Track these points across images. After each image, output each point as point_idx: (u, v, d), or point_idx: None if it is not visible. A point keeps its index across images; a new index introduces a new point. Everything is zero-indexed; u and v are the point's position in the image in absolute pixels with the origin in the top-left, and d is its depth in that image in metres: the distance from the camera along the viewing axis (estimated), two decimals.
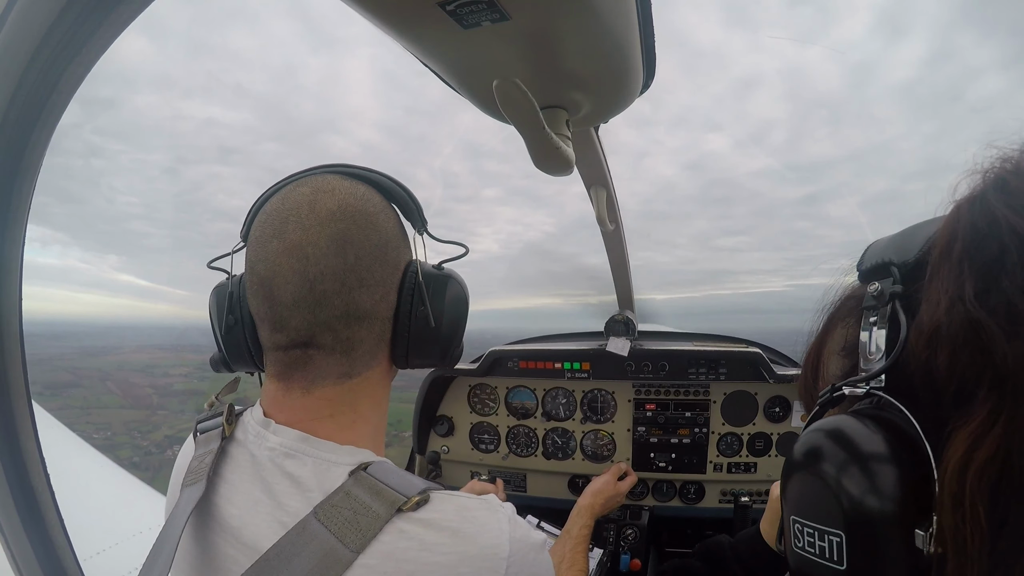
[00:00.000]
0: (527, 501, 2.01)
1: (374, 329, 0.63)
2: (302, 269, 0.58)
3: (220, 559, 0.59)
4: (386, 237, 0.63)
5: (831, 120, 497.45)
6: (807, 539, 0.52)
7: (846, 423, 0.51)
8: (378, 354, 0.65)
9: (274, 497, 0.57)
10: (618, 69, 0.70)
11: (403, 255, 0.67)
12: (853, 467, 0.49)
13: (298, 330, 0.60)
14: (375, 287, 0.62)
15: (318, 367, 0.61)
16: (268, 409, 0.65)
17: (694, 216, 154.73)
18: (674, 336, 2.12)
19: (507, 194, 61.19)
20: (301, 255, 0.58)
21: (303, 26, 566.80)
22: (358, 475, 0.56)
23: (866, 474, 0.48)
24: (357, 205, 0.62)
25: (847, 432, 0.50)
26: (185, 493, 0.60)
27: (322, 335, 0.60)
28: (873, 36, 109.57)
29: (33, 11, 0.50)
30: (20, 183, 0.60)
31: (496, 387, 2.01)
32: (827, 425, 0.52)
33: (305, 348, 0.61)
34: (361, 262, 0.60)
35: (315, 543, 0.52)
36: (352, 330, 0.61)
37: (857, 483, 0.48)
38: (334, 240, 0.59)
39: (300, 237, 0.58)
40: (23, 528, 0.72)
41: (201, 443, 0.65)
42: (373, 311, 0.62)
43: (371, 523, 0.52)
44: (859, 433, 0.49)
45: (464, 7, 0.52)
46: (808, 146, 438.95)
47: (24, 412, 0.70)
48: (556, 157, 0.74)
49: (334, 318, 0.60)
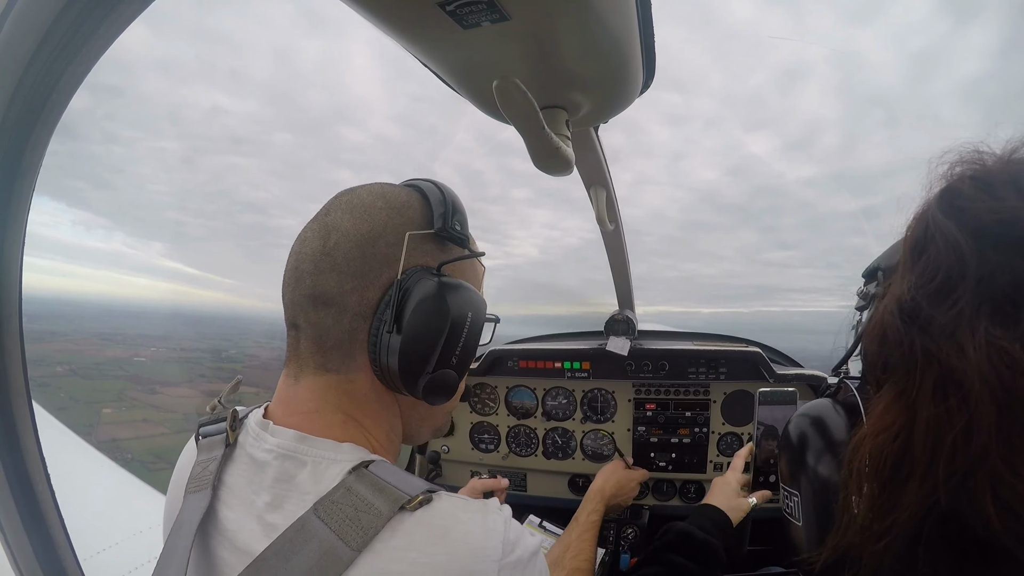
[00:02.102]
0: (527, 501, 2.01)
1: (342, 321, 0.60)
2: (298, 250, 0.63)
3: (217, 563, 0.58)
4: (379, 229, 0.61)
5: (888, 122, 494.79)
6: (785, 500, 0.65)
7: (814, 406, 0.63)
8: (355, 355, 0.61)
9: (269, 500, 0.57)
10: (618, 69, 0.70)
11: (399, 253, 0.61)
12: (810, 439, 0.61)
13: (288, 307, 0.64)
14: (347, 275, 0.60)
15: (302, 353, 0.62)
16: (273, 401, 0.66)
17: (740, 227, 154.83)
18: (674, 336, 2.12)
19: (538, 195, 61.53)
20: (302, 239, 0.64)
21: (299, 12, 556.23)
22: (360, 472, 0.55)
23: (816, 445, 0.60)
24: (365, 199, 0.64)
25: (811, 413, 0.63)
26: (189, 501, 0.60)
27: (297, 315, 0.62)
28: (936, 18, 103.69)
29: (33, 10, 0.50)
30: (20, 183, 0.60)
31: (496, 387, 2.01)
32: (805, 407, 0.66)
33: (295, 331, 0.63)
34: (339, 248, 0.60)
35: (315, 541, 0.51)
36: (319, 314, 0.60)
37: (809, 451, 0.60)
38: (324, 226, 0.62)
39: (309, 226, 0.65)
40: (23, 528, 0.72)
41: (204, 448, 0.64)
42: (340, 300, 0.60)
43: (373, 520, 0.51)
44: (819, 413, 0.62)
45: (464, 7, 0.52)
46: (863, 152, 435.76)
47: (24, 412, 0.70)
48: (556, 157, 0.74)
49: (303, 296, 0.61)
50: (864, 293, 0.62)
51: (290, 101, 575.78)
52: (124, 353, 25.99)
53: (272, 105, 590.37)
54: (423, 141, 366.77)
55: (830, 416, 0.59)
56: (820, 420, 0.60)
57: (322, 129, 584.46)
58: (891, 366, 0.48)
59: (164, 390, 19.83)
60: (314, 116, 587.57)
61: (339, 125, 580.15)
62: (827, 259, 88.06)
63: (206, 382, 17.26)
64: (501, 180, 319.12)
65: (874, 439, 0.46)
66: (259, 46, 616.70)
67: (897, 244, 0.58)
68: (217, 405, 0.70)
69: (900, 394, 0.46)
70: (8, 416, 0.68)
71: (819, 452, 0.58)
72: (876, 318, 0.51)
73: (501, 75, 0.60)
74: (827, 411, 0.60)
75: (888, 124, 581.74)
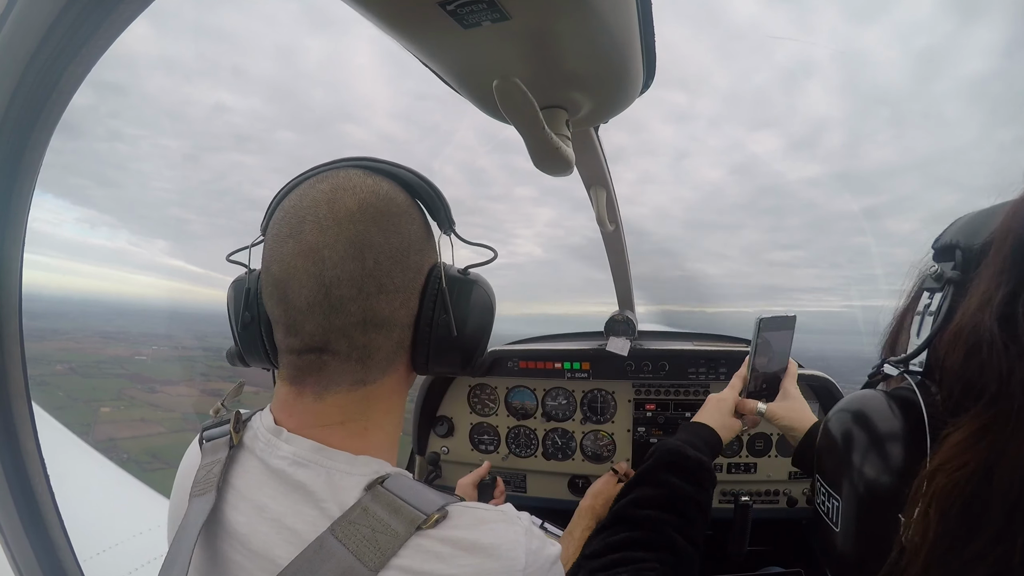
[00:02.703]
0: (527, 502, 2.01)
1: (393, 336, 0.61)
2: (318, 272, 0.56)
3: (227, 566, 0.58)
4: (408, 240, 0.61)
5: (894, 121, 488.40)
6: (821, 496, 0.56)
7: (868, 399, 0.53)
8: (396, 361, 0.63)
9: (286, 506, 0.56)
10: (618, 69, 0.70)
11: (427, 258, 0.64)
12: (861, 442, 0.51)
13: (312, 335, 0.58)
14: (395, 293, 0.59)
15: (332, 373, 0.60)
16: (278, 413, 0.63)
17: (744, 226, 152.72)
18: (674, 336, 2.12)
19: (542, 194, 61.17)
20: (317, 258, 0.56)
21: (302, 10, 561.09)
22: (375, 490, 0.55)
23: (869, 452, 0.50)
24: (379, 205, 0.59)
25: (865, 408, 0.52)
26: (194, 504, 0.59)
27: (337, 341, 0.58)
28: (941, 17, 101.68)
29: (33, 11, 0.50)
30: (20, 183, 0.60)
31: (496, 387, 2.00)
32: (855, 397, 0.55)
33: (320, 353, 0.59)
34: (380, 267, 0.57)
35: (332, 561, 0.51)
36: (369, 337, 0.59)
37: (860, 457, 0.50)
38: (352, 243, 0.56)
39: (316, 238, 0.56)
40: (23, 528, 0.72)
41: (208, 451, 0.64)
42: (392, 318, 0.60)
43: (390, 541, 0.51)
44: (876, 412, 0.51)
45: (464, 7, 0.52)
46: (869, 151, 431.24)
47: (24, 412, 0.70)
48: (556, 157, 0.74)
49: (350, 325, 0.57)
50: (938, 274, 0.51)
51: (293, 99, 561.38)
52: (126, 351, 25.93)
53: (275, 103, 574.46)
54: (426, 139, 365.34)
55: (882, 413, 0.51)
56: (868, 417, 0.52)
57: (325, 127, 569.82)
58: (978, 389, 0.41)
59: (164, 388, 19.71)
60: (317, 114, 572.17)
61: (342, 123, 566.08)
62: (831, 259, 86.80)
63: (207, 380, 17.19)
64: (504, 178, 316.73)
65: (946, 476, 0.40)
66: (262, 44, 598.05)
67: (978, 216, 0.51)
68: (220, 408, 0.70)
69: (985, 428, 0.39)
70: (8, 416, 0.68)
71: (871, 465, 0.50)
72: (963, 321, 0.44)
73: (501, 75, 0.60)
74: (878, 406, 0.52)
75: (893, 123, 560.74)
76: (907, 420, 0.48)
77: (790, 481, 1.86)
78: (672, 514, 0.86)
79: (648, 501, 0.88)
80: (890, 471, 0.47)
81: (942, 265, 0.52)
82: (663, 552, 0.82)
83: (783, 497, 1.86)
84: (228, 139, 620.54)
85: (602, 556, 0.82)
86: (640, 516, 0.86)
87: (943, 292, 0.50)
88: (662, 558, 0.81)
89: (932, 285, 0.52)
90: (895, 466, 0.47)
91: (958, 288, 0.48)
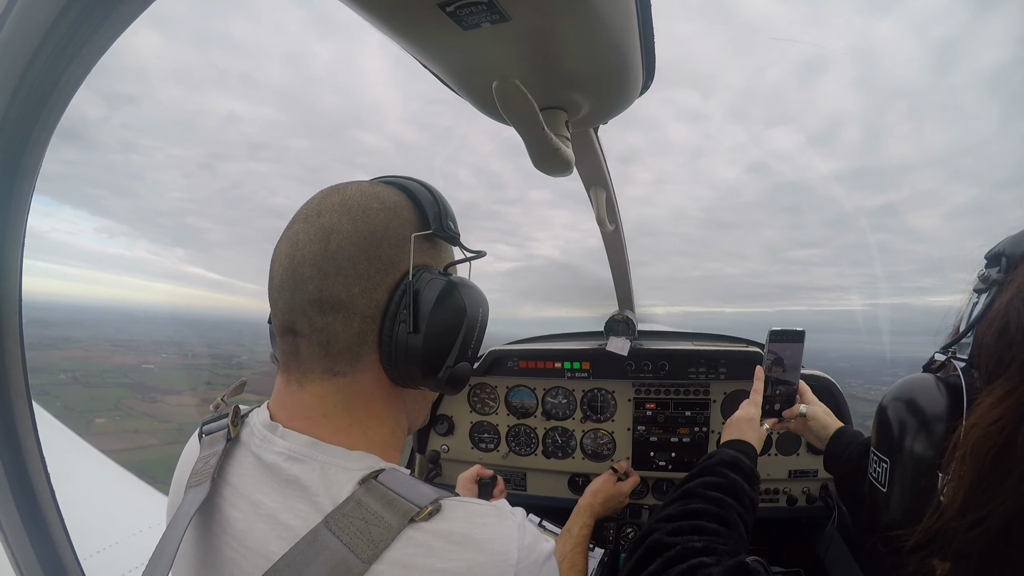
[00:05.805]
0: (527, 500, 2.01)
1: (351, 325, 0.60)
2: (291, 253, 0.61)
3: (222, 562, 0.58)
4: (381, 232, 0.62)
5: (912, 114, 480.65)
6: (873, 465, 0.67)
7: (919, 379, 0.65)
8: (362, 355, 0.62)
9: (280, 501, 0.57)
10: (618, 70, 0.70)
11: (405, 254, 0.63)
12: (909, 412, 0.62)
13: (283, 312, 0.62)
14: (354, 279, 0.60)
15: (304, 358, 0.61)
16: (273, 406, 0.65)
17: (762, 225, 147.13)
18: (674, 336, 2.12)
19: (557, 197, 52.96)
20: (294, 241, 0.62)
21: (309, 17, 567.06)
22: (369, 484, 0.56)
23: (915, 420, 0.61)
24: (359, 200, 0.63)
25: (914, 387, 0.64)
26: (189, 494, 0.60)
27: (299, 321, 0.61)
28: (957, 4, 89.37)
29: (33, 10, 0.50)
30: (20, 183, 0.60)
31: (496, 386, 2.01)
32: (909, 378, 0.67)
33: (294, 336, 0.62)
34: (342, 251, 0.60)
35: (326, 553, 0.51)
36: (326, 319, 0.60)
37: (908, 424, 0.62)
38: (323, 228, 0.61)
39: (299, 227, 0.62)
40: (23, 527, 0.72)
41: (206, 445, 0.65)
42: (348, 303, 0.60)
43: (383, 534, 0.52)
44: (923, 389, 0.62)
45: (464, 8, 0.52)
46: (887, 146, 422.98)
47: (24, 412, 0.70)
48: (555, 158, 0.74)
49: (307, 303, 0.60)
50: (985, 276, 0.62)
51: (305, 106, 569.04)
52: (134, 359, 25.86)
53: (287, 110, 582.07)
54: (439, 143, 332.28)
55: (932, 394, 0.60)
56: (920, 399, 0.62)
57: (338, 133, 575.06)
58: (1007, 361, 0.50)
59: (164, 398, 19.52)
60: (329, 120, 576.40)
61: (354, 129, 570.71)
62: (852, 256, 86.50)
63: (210, 389, 16.90)
64: (519, 182, 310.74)
65: (980, 431, 0.49)
66: (271, 52, 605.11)
67: None
68: (220, 403, 0.71)
69: (1011, 392, 0.48)
70: (8, 416, 0.68)
71: (916, 431, 0.60)
72: (999, 309, 0.54)
73: (501, 76, 0.60)
74: (929, 389, 0.61)
75: (912, 116, 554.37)
76: (951, 395, 0.58)
77: (790, 480, 1.87)
78: (737, 502, 0.91)
79: (717, 487, 0.92)
80: (932, 435, 0.57)
81: (990, 269, 0.62)
82: (733, 530, 0.86)
83: (783, 496, 1.87)
84: (241, 148, 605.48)
85: (678, 520, 0.85)
86: (712, 496, 0.91)
87: (988, 291, 0.60)
88: (732, 535, 0.85)
89: (980, 287, 0.63)
90: (937, 431, 0.57)
91: (1000, 287, 0.58)
